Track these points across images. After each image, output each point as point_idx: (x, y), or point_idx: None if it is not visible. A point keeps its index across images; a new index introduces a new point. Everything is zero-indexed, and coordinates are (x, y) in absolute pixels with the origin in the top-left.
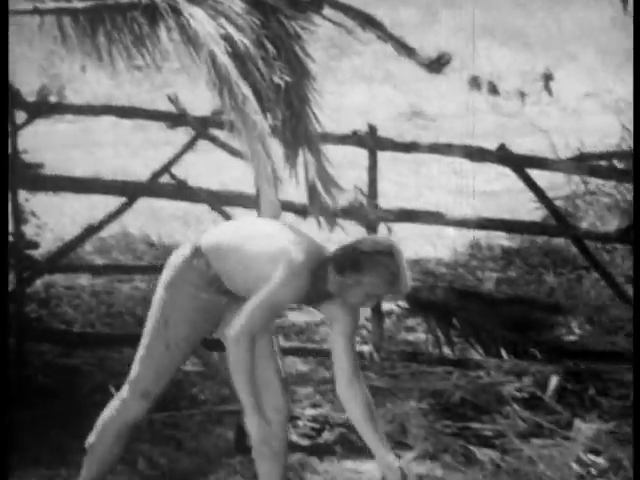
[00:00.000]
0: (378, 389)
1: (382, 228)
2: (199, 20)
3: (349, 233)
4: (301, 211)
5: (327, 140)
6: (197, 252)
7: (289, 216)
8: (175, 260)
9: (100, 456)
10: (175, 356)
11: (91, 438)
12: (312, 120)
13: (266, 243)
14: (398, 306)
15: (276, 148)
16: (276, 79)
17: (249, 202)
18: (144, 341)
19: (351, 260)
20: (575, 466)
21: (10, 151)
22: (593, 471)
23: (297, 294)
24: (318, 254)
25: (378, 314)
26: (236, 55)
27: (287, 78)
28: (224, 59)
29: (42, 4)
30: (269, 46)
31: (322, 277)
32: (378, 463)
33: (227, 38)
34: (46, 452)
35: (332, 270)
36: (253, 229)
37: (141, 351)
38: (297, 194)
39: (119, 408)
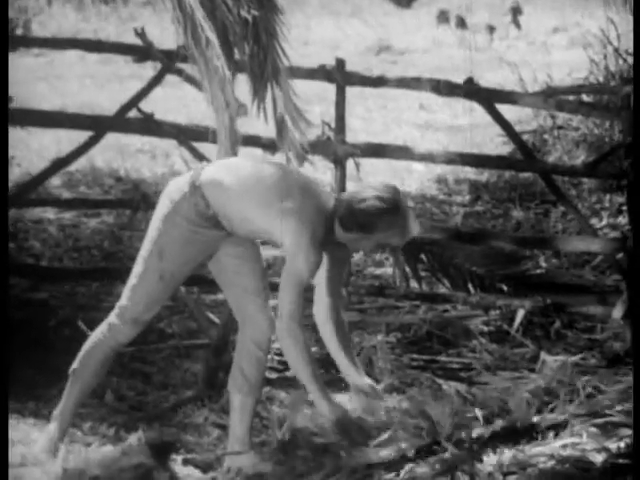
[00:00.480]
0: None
1: (350, 163)
2: None
3: (317, 168)
4: (269, 146)
5: (295, 74)
6: (196, 190)
7: (257, 151)
8: (173, 194)
9: (84, 381)
10: (168, 286)
11: (75, 364)
12: (280, 54)
13: (269, 193)
14: None
15: (244, 83)
16: (244, 13)
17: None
18: (137, 270)
19: (357, 222)
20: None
21: None
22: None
23: (318, 257)
24: (324, 207)
25: None
26: None
27: (255, 12)
28: None
29: None
30: None
31: (331, 229)
32: (352, 385)
33: None
34: (13, 386)
35: (339, 226)
36: (255, 173)
37: (133, 279)
38: (265, 129)
39: (107, 332)
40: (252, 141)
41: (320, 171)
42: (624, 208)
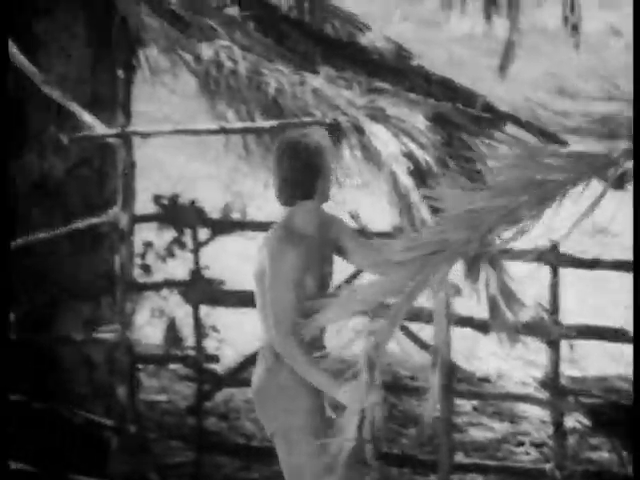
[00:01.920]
0: None
1: (564, 344)
2: (381, 139)
3: (530, 349)
4: (481, 326)
5: (509, 255)
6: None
7: (467, 331)
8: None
9: None
10: None
11: None
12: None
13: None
14: (581, 424)
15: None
16: None
17: (426, 316)
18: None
19: (307, 179)
20: None
21: (193, 267)
22: None
23: (298, 260)
24: (283, 216)
25: (561, 432)
26: (418, 172)
27: None
28: (405, 180)
29: (228, 123)
30: (451, 163)
31: (305, 219)
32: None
33: (409, 155)
34: None
35: (305, 202)
36: None
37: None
38: (478, 310)
39: None
40: (465, 321)
41: (534, 352)
42: None
